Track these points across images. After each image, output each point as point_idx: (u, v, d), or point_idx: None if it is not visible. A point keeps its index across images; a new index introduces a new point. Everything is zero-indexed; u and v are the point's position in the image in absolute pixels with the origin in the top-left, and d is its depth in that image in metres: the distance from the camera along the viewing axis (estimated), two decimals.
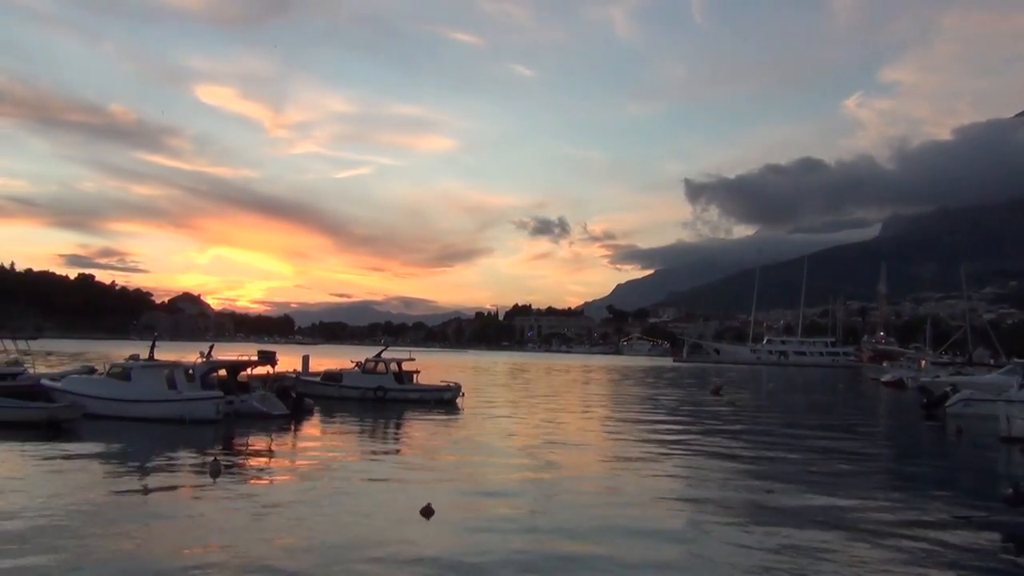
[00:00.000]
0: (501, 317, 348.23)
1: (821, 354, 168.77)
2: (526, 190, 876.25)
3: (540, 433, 28.49)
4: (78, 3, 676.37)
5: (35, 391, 31.09)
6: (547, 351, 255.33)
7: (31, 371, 37.35)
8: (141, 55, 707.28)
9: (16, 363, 38.82)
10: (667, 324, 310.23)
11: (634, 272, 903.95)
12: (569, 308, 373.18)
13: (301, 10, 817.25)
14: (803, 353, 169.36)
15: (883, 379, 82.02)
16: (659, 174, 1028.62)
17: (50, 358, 62.94)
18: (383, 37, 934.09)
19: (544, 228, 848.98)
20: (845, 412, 46.27)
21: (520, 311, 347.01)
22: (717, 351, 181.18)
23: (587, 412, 38.48)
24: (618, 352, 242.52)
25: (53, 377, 33.96)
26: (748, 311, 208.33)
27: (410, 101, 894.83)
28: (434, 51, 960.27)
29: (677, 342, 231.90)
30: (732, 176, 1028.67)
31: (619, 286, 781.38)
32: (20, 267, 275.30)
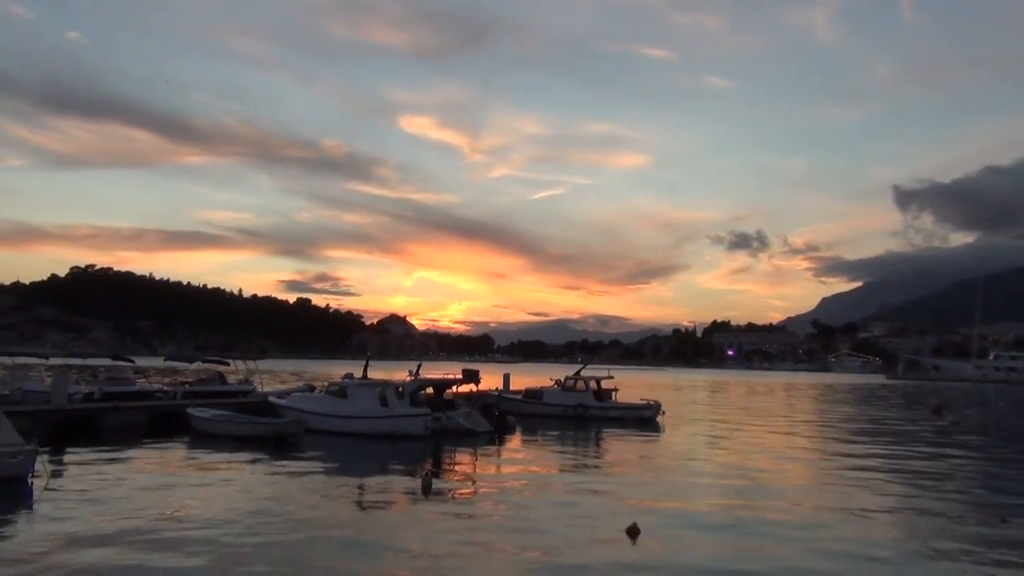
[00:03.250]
0: (699, 334, 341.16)
1: None
2: (722, 203, 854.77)
3: (743, 454, 27.52)
4: (294, 47, 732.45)
5: (263, 407, 33.68)
6: (748, 368, 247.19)
7: (258, 389, 40.53)
8: (349, 91, 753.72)
9: (246, 381, 42.26)
10: (879, 339, 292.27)
11: (840, 285, 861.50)
12: (770, 324, 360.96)
13: (495, 38, 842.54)
14: None
15: None
16: (865, 181, 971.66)
17: (274, 376, 67.82)
18: (574, 58, 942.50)
19: (742, 242, 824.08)
20: None
21: (719, 327, 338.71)
22: (936, 368, 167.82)
23: (792, 432, 36.80)
24: (825, 369, 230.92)
25: (278, 395, 36.50)
26: (970, 324, 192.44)
27: (602, 119, 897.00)
28: (625, 68, 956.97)
29: (890, 358, 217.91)
30: (947, 180, 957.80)
31: (824, 300, 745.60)
32: (247, 293, 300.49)
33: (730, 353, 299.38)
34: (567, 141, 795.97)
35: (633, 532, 13.98)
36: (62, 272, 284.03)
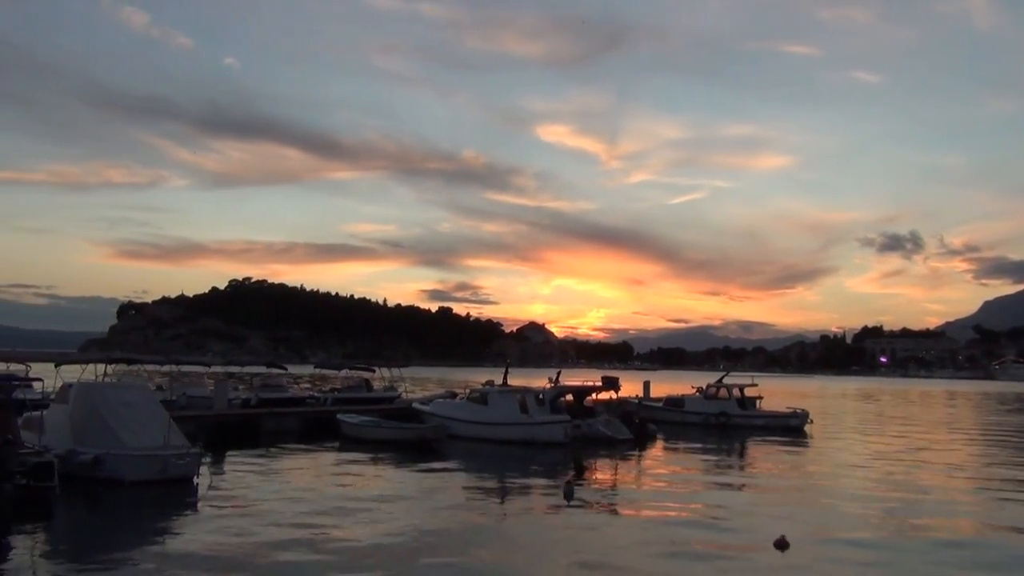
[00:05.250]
0: (848, 340, 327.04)
1: None
2: (872, 204, 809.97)
3: (896, 466, 26.15)
4: (433, 61, 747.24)
5: (408, 413, 34.62)
6: (902, 376, 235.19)
7: (403, 395, 41.70)
8: (488, 103, 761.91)
9: (391, 388, 43.58)
10: None
11: (1004, 287, 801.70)
12: (927, 329, 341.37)
13: (631, 42, 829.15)
14: None
15: None
16: None
17: (417, 383, 69.54)
18: (713, 58, 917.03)
19: (894, 244, 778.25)
20: None
21: (870, 333, 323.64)
22: None
23: (951, 444, 34.73)
24: (989, 377, 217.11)
25: (422, 401, 37.40)
26: None
27: (743, 120, 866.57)
28: (767, 66, 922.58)
29: None
30: None
31: (987, 303, 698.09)
32: (391, 303, 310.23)
33: (883, 360, 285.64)
34: (707, 144, 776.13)
35: (782, 544, 13.52)
36: (222, 285, 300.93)
